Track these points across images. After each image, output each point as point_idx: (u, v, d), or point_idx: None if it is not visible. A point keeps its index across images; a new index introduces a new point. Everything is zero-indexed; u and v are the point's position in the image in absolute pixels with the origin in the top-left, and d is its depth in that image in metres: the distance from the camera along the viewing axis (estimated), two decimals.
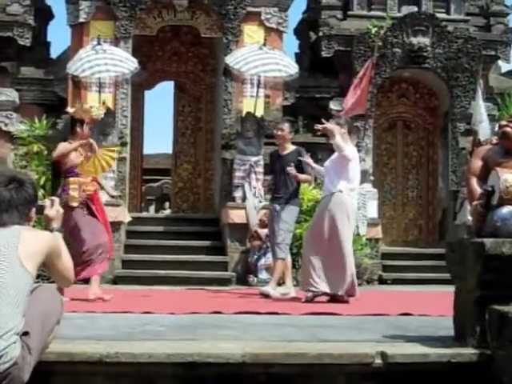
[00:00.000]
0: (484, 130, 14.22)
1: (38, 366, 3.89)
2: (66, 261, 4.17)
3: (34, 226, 4.32)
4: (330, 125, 8.79)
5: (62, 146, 8.82)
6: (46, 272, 4.21)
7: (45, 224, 4.24)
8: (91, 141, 8.95)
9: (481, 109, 14.47)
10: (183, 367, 4.28)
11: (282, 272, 9.78)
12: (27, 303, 3.75)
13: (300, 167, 9.69)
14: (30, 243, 3.82)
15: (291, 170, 9.44)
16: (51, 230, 4.16)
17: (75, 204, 8.65)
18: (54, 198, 4.36)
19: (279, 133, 9.92)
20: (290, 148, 9.95)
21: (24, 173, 7.49)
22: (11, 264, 3.73)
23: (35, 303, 3.84)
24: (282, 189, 9.76)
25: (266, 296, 9.40)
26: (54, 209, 4.22)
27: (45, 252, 3.92)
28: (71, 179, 8.76)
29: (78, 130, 8.82)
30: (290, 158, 9.80)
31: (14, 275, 3.71)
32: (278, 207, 9.73)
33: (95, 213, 8.83)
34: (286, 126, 9.98)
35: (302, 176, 9.72)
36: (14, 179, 4.02)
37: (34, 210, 4.08)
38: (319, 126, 8.88)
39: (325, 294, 8.72)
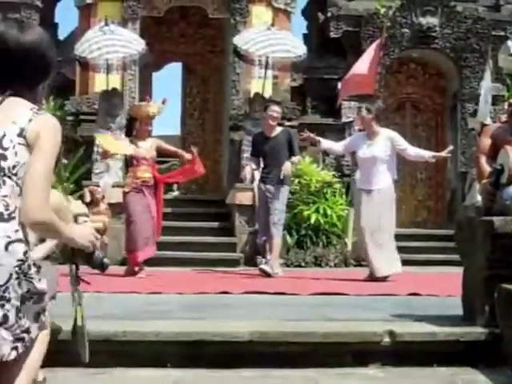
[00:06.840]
0: (483, 111, 14.09)
1: None
2: None
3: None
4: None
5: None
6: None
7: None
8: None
9: (486, 90, 14.30)
10: (190, 346, 4.28)
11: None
12: None
13: (290, 148, 9.90)
14: None
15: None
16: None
17: (127, 190, 9.63)
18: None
19: (276, 115, 9.99)
20: (278, 129, 10.08)
21: None
22: None
23: None
24: (274, 170, 9.84)
25: (266, 274, 9.49)
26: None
27: None
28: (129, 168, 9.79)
29: (136, 127, 9.63)
30: (281, 138, 9.94)
31: None
32: (272, 188, 9.83)
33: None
34: (279, 109, 10.19)
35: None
36: None
37: None
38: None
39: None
